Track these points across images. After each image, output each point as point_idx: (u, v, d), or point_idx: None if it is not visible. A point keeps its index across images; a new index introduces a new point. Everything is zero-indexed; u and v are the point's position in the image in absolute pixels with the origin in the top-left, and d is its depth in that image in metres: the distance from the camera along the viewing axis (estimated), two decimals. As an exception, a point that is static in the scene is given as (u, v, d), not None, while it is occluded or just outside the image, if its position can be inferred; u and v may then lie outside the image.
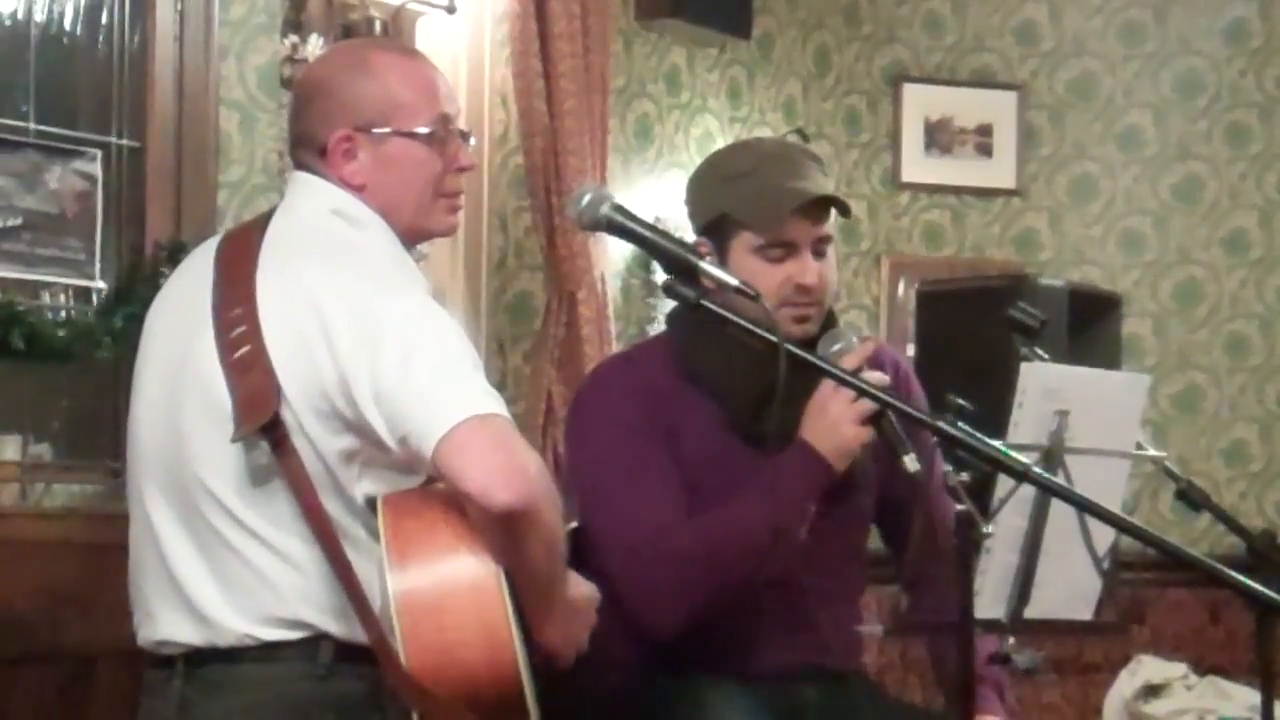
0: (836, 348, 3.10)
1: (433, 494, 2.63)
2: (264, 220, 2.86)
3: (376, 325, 2.59)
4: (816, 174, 3.28)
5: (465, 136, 2.94)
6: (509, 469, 2.50)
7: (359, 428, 2.61)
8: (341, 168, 2.83)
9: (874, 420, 3.03)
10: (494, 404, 2.56)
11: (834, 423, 3.09)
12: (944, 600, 3.32)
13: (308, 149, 2.86)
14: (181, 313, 2.81)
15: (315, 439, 2.63)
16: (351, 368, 2.58)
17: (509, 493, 2.48)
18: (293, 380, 2.62)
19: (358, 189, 2.82)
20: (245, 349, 2.65)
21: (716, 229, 3.27)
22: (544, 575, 2.63)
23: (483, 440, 2.51)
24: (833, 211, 3.28)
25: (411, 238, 2.88)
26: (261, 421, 2.61)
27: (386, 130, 2.83)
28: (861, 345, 3.11)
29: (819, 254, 3.25)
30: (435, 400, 2.54)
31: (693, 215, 3.36)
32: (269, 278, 2.71)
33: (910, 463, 2.88)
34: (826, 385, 3.09)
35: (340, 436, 2.63)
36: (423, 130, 2.85)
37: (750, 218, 3.22)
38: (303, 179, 2.87)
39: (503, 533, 2.52)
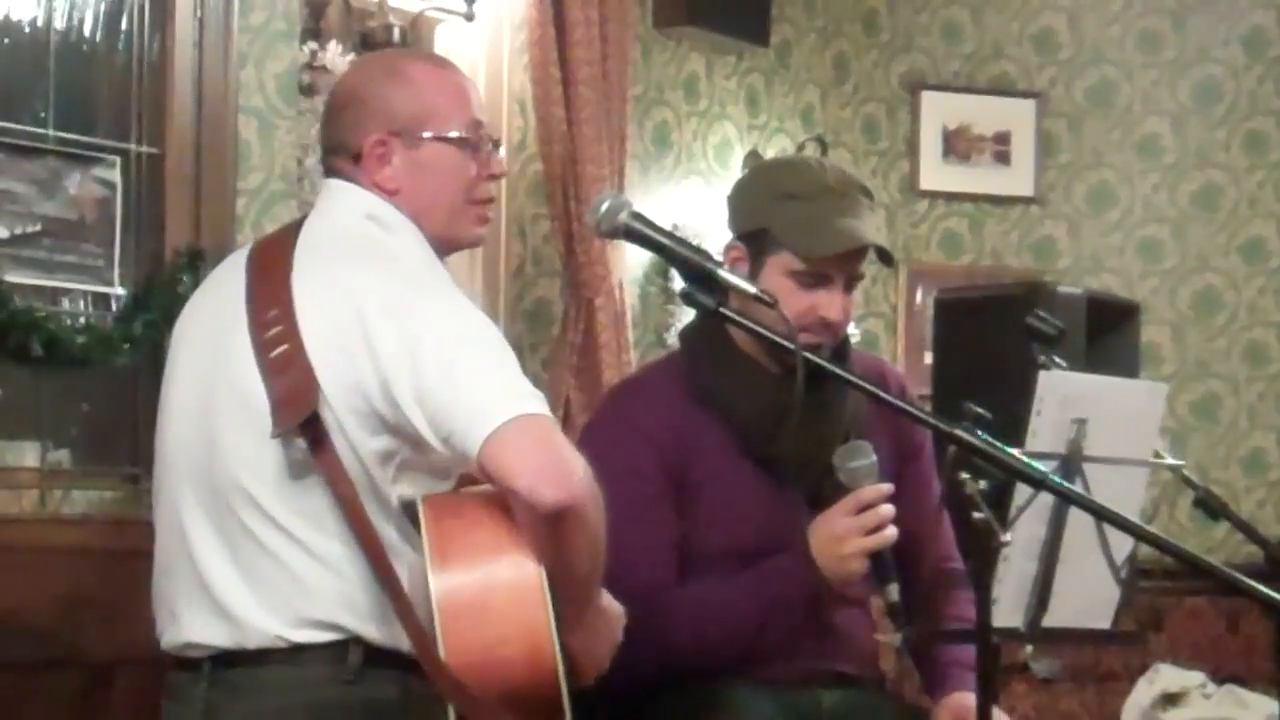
0: (854, 464, 3.13)
1: (473, 495, 2.66)
2: (296, 227, 2.88)
3: (417, 326, 2.61)
4: (868, 214, 3.27)
5: (496, 144, 2.97)
6: (557, 467, 2.52)
7: (397, 428, 2.63)
8: (376, 173, 2.85)
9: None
10: (538, 404, 2.58)
11: (843, 556, 3.13)
12: (953, 609, 3.35)
13: (342, 156, 2.88)
14: (213, 319, 2.83)
15: (353, 438, 2.64)
16: (393, 368, 2.60)
17: (558, 490, 2.50)
18: (332, 380, 2.64)
19: (392, 194, 2.84)
20: (282, 348, 2.67)
21: (755, 240, 3.27)
22: (585, 576, 2.64)
23: (529, 439, 2.53)
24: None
25: (442, 246, 2.89)
26: (302, 417, 2.62)
27: (421, 135, 2.85)
28: (876, 488, 3.12)
29: (848, 289, 3.26)
30: (480, 399, 2.55)
31: (735, 218, 3.35)
32: (305, 280, 2.73)
33: (892, 592, 3.08)
34: (843, 510, 3.13)
35: (378, 437, 2.65)
36: (457, 135, 2.87)
37: (795, 245, 3.21)
38: (336, 185, 2.89)
39: (548, 532, 2.53)
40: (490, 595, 2.54)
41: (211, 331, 2.81)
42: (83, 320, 4.20)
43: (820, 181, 3.27)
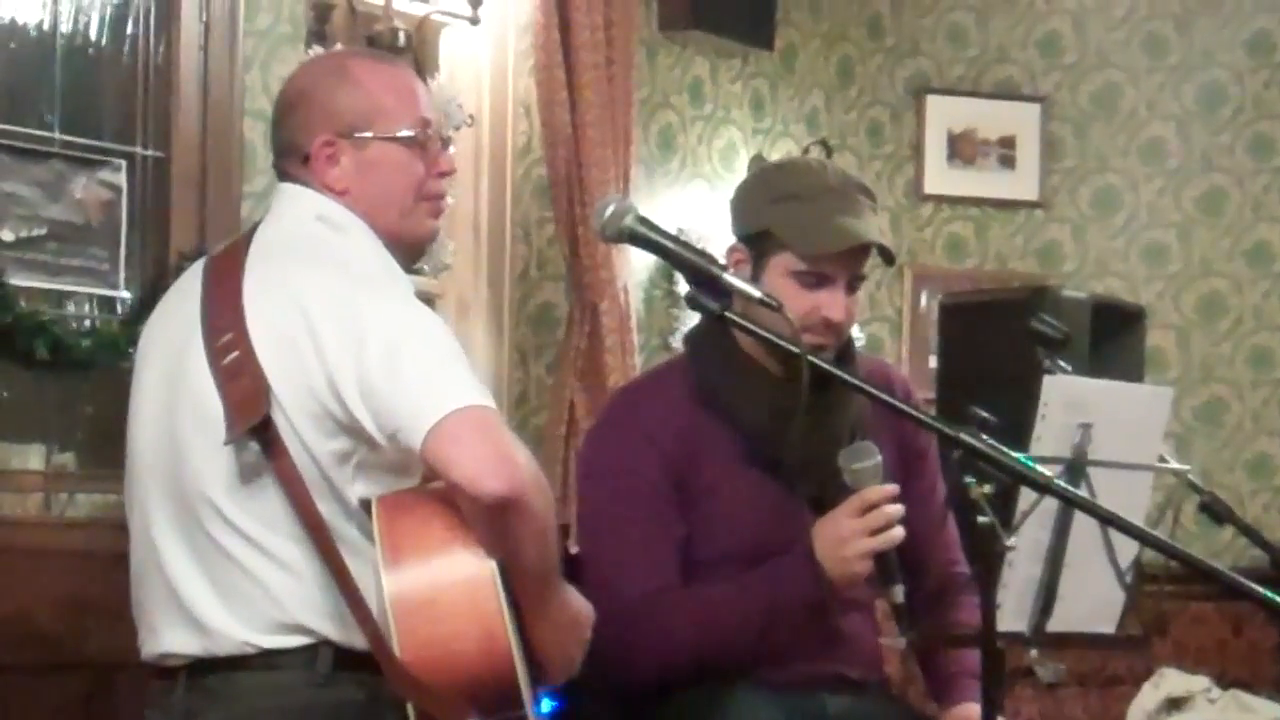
0: (858, 465, 3.12)
1: (427, 492, 2.66)
2: (249, 234, 2.90)
3: (361, 324, 2.62)
4: (869, 214, 3.27)
5: (445, 142, 2.99)
6: (498, 458, 2.51)
7: (351, 428, 2.63)
8: (325, 174, 2.86)
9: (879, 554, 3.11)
10: (481, 396, 2.57)
11: (847, 558, 3.11)
12: (959, 613, 3.35)
13: (291, 159, 2.90)
14: (173, 329, 2.84)
15: (308, 441, 2.65)
16: (338, 367, 2.61)
17: (498, 481, 2.50)
18: (283, 383, 2.65)
19: (341, 194, 2.85)
20: (234, 355, 2.68)
21: (757, 242, 3.27)
22: (536, 568, 2.63)
23: (471, 430, 2.53)
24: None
25: (396, 243, 2.88)
26: (252, 422, 2.63)
27: (368, 135, 2.86)
28: (880, 489, 3.11)
29: (851, 289, 3.26)
30: (422, 393, 2.56)
31: (737, 221, 3.35)
32: (255, 285, 2.74)
33: (897, 594, 3.05)
34: (847, 511, 3.11)
35: (333, 438, 2.65)
36: (404, 134, 2.88)
37: (796, 244, 3.22)
38: (286, 189, 2.91)
39: (492, 524, 2.54)
40: (443, 591, 2.55)
41: (171, 342, 2.82)
42: (88, 323, 4.21)
43: (820, 181, 3.27)
